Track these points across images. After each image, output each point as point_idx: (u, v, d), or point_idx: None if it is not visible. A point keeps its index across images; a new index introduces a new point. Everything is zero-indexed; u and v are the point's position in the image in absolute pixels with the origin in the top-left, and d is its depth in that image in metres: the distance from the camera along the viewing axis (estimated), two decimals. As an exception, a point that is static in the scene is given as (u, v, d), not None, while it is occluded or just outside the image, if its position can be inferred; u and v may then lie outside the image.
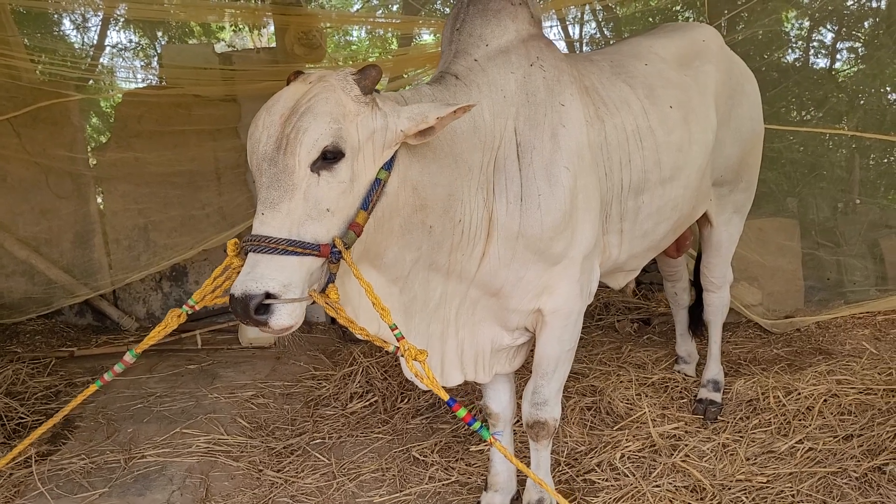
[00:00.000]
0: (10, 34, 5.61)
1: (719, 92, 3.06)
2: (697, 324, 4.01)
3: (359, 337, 2.08)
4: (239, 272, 1.85)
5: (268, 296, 1.77)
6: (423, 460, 3.41)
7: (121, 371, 2.17)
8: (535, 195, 2.30)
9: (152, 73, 8.25)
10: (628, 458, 3.19)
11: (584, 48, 8.78)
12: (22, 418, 3.97)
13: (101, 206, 5.87)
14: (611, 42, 7.95)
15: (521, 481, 2.96)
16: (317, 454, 3.52)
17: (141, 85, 6.50)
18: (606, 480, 3.06)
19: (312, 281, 1.88)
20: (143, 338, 5.42)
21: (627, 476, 3.06)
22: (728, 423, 3.48)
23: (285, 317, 1.79)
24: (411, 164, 2.06)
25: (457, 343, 2.45)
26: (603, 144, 2.52)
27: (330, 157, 1.85)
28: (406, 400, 4.03)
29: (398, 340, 1.98)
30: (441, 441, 3.57)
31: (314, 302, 1.89)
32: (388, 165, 1.97)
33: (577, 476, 3.14)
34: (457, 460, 3.38)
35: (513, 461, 2.20)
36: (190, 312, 2.06)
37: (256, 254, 1.81)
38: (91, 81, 6.93)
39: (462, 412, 2.03)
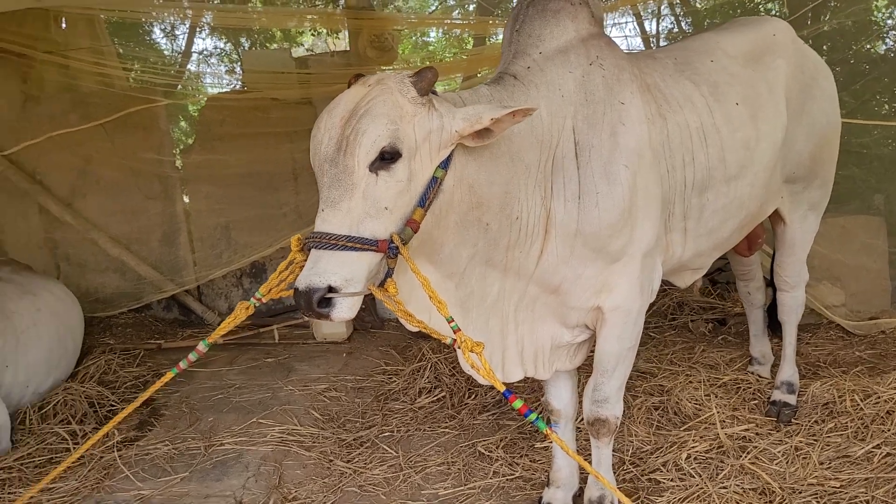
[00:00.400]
0: (103, 44, 5.96)
1: (790, 87, 2.98)
2: (776, 324, 3.90)
3: (412, 329, 2.14)
4: (302, 267, 1.94)
5: (330, 289, 1.86)
6: (488, 455, 3.46)
7: (195, 360, 2.29)
8: (592, 193, 2.31)
9: (235, 78, 8.58)
10: (695, 458, 3.15)
11: (661, 43, 8.63)
12: (112, 405, 4.23)
13: (187, 206, 6.16)
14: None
15: (585, 478, 2.96)
16: (385, 446, 3.62)
17: (225, 89, 6.78)
18: (671, 480, 3.03)
19: (372, 275, 1.95)
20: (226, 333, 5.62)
21: (693, 476, 3.02)
22: (802, 426, 3.38)
23: (346, 310, 1.88)
24: (468, 162, 2.10)
25: (517, 339, 2.48)
26: (665, 142, 2.50)
27: (387, 158, 1.91)
28: (473, 396, 4.08)
29: (454, 332, 2.03)
30: (506, 437, 3.60)
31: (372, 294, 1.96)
32: (445, 164, 2.03)
33: (642, 475, 3.12)
34: (521, 456, 3.42)
35: (570, 454, 2.21)
36: (257, 305, 2.17)
37: (318, 250, 1.89)
38: (179, 87, 7.28)
39: (518, 403, 2.06)
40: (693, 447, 3.22)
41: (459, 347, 2.04)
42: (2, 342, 3.90)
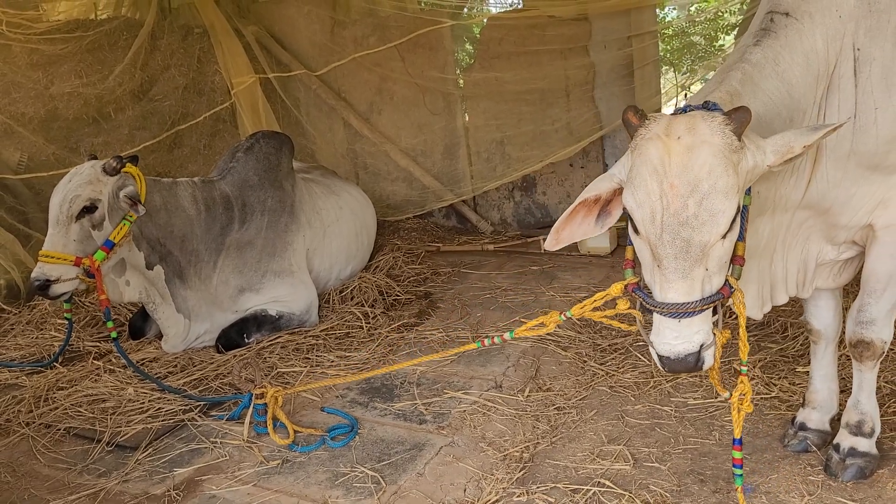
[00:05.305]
0: (399, -28, 6.48)
1: None
2: None
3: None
4: (627, 315, 2.17)
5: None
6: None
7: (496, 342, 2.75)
8: (870, 109, 2.15)
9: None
10: (984, 399, 2.87)
11: None
12: (397, 295, 4.84)
13: (466, 122, 6.59)
14: None
15: (843, 403, 2.85)
16: (638, 354, 3.74)
17: (506, 9, 7.01)
18: (951, 420, 2.81)
19: None
20: (497, 241, 6.01)
21: (979, 418, 2.77)
22: None
23: (711, 357, 1.99)
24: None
25: (782, 266, 2.44)
26: None
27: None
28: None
29: (741, 376, 2.21)
30: (766, 358, 3.54)
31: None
32: (748, 189, 2.03)
33: (916, 410, 2.92)
34: (779, 378, 3.35)
35: None
36: (563, 320, 2.44)
37: (676, 318, 1.94)
38: (465, 10, 7.66)
39: (738, 454, 2.21)
40: None
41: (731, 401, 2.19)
42: (312, 233, 4.62)
